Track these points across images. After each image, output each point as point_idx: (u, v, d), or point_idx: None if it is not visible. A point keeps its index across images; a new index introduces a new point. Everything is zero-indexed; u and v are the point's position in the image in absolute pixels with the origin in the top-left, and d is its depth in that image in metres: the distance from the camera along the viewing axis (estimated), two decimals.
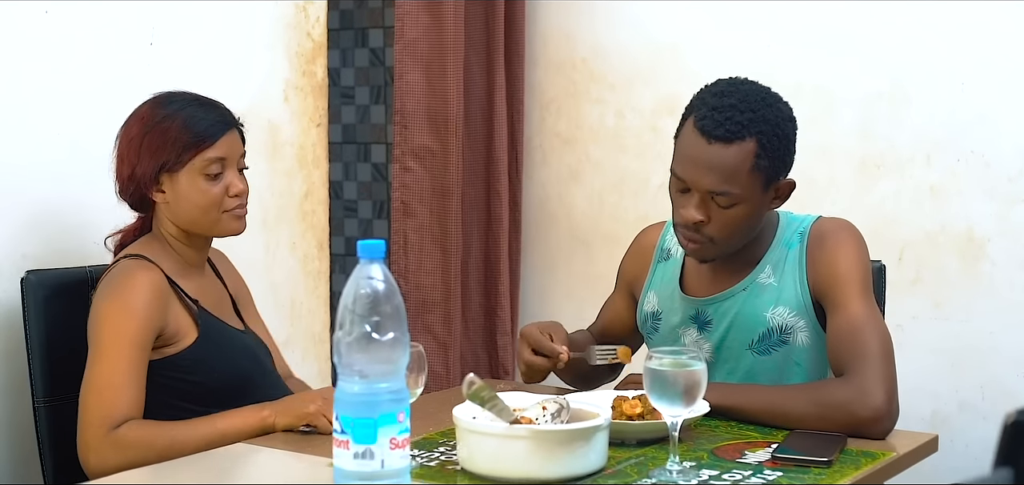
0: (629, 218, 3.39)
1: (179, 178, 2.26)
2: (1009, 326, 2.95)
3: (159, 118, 2.28)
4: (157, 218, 2.33)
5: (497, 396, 1.83)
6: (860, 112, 3.11)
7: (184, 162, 2.25)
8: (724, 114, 2.12)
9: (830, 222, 2.28)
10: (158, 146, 2.26)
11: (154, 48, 2.84)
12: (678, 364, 1.82)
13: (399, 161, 3.32)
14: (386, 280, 1.67)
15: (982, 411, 2.99)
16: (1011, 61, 2.93)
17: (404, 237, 3.32)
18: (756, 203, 2.17)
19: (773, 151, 2.14)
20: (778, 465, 1.89)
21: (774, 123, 2.15)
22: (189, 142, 2.25)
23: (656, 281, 2.40)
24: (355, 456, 1.65)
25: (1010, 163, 2.94)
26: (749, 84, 2.20)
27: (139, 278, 2.20)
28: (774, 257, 2.26)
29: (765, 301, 2.24)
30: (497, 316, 3.48)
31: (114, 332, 2.15)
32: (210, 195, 2.27)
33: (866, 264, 2.22)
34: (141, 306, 2.17)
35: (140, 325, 2.17)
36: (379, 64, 3.64)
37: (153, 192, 2.28)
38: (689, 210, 2.16)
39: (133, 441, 2.09)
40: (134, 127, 2.30)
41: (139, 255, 2.26)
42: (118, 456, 2.08)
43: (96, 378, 2.14)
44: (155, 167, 2.26)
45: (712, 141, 2.12)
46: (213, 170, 2.27)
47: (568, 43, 3.50)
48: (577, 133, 3.51)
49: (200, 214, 2.28)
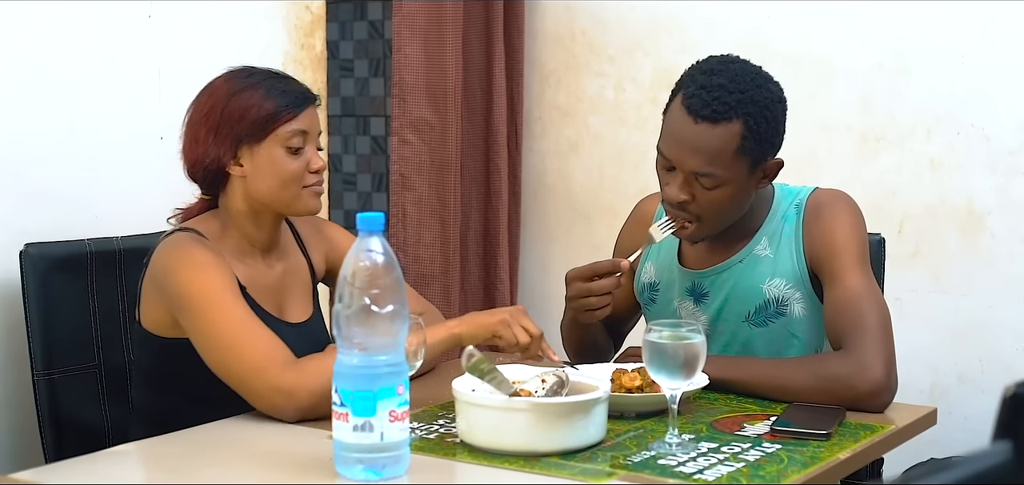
0: (628, 191, 3.38)
1: (260, 150, 2.16)
2: (1008, 299, 2.95)
3: (238, 88, 2.18)
4: (226, 195, 2.22)
5: (496, 369, 1.83)
6: (860, 85, 3.10)
7: (268, 132, 2.15)
8: (712, 93, 2.10)
9: (826, 193, 2.27)
10: (240, 116, 2.16)
11: (152, 21, 2.83)
12: (677, 337, 1.82)
13: (398, 134, 3.31)
14: (385, 253, 1.67)
15: (981, 384, 2.99)
16: (1011, 35, 2.92)
17: (403, 210, 3.32)
18: (741, 185, 2.16)
19: (760, 133, 2.13)
20: (777, 438, 1.89)
21: (762, 105, 2.13)
22: (273, 112, 2.15)
23: (654, 251, 2.40)
24: (354, 429, 1.65)
25: (1010, 136, 2.94)
26: (740, 63, 2.18)
27: (194, 247, 2.12)
28: (770, 229, 2.26)
29: (761, 273, 2.24)
30: (496, 289, 3.48)
31: (208, 294, 2.05)
32: (291, 169, 2.17)
33: (863, 235, 2.22)
34: (210, 261, 2.09)
35: (223, 275, 2.08)
36: (378, 37, 3.63)
37: (231, 165, 2.18)
38: (673, 190, 2.15)
39: (319, 368, 1.96)
40: (210, 99, 2.20)
41: (193, 230, 2.18)
42: (311, 381, 1.96)
43: (226, 339, 2.02)
44: (235, 138, 2.16)
45: (698, 120, 2.11)
46: (295, 143, 2.17)
47: (567, 14, 3.49)
48: (577, 105, 3.50)
49: (280, 188, 2.17)
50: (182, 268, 2.09)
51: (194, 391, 2.11)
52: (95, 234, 2.56)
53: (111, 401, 2.49)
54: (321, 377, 1.93)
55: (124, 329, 2.52)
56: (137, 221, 2.70)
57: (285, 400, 1.98)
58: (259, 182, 2.18)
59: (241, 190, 2.20)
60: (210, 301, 2.05)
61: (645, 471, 1.73)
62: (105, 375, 2.49)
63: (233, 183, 2.20)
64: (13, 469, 2.47)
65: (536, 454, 1.77)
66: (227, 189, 2.22)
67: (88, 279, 2.48)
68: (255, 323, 2.04)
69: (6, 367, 2.51)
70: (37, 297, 2.39)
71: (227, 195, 2.22)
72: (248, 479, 1.75)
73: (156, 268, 2.15)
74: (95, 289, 2.49)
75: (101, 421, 2.47)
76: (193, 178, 2.24)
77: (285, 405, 1.98)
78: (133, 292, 2.53)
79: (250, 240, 2.23)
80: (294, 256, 2.33)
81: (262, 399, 2.00)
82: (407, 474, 1.70)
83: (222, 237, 2.21)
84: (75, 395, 2.44)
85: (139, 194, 2.80)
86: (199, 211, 2.27)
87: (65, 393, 2.42)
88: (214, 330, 2.04)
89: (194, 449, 1.91)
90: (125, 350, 2.52)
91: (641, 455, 1.80)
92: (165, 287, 2.12)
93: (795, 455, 1.81)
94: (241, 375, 2.01)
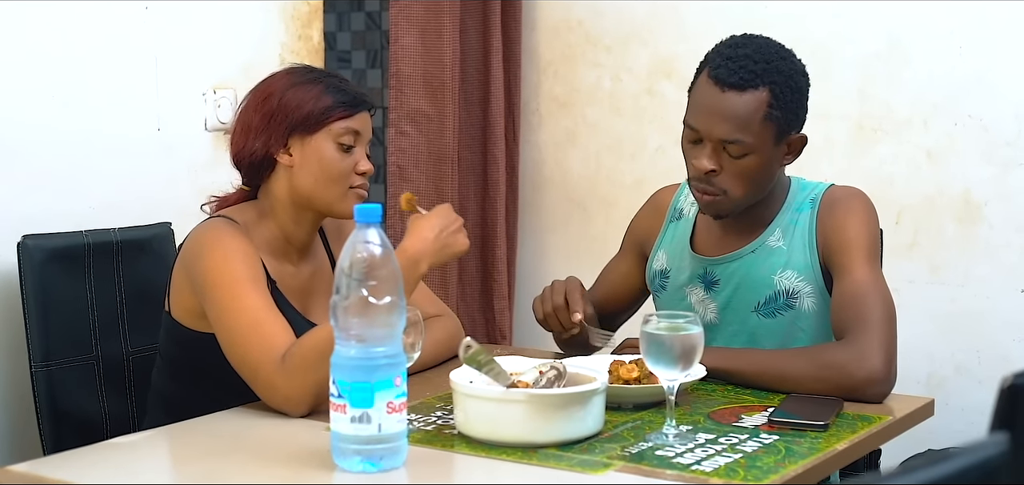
0: (626, 181, 3.38)
1: (311, 142, 2.14)
2: (1006, 290, 2.95)
3: (298, 81, 2.17)
4: (269, 185, 2.20)
5: (494, 360, 1.83)
6: (857, 74, 3.10)
7: (321, 125, 2.14)
8: (738, 63, 2.14)
9: (842, 190, 2.29)
10: (296, 106, 2.14)
11: (149, 12, 2.83)
12: (674, 328, 1.82)
13: (395, 125, 3.31)
14: (383, 244, 1.67)
15: (978, 375, 2.99)
16: (1009, 25, 2.92)
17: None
18: (768, 155, 2.17)
19: (786, 102, 2.15)
20: (774, 429, 1.89)
21: (788, 74, 2.17)
22: (330, 106, 2.14)
23: (667, 240, 2.40)
24: (352, 420, 1.65)
25: (1008, 127, 2.94)
26: (764, 38, 2.22)
27: (226, 232, 2.10)
28: (784, 221, 2.27)
29: (773, 264, 2.25)
30: (494, 280, 3.48)
31: (229, 279, 2.04)
32: (341, 165, 2.15)
33: (875, 232, 2.23)
34: (240, 248, 2.08)
35: (250, 264, 2.07)
36: (375, 28, 3.62)
37: (280, 153, 2.16)
38: (701, 160, 2.16)
39: (304, 357, 1.95)
40: (268, 87, 2.19)
41: (227, 217, 2.16)
42: (299, 378, 1.94)
43: (236, 327, 2.01)
44: (288, 127, 2.14)
45: (725, 89, 2.13)
46: (347, 140, 2.15)
47: (564, 5, 3.48)
48: (574, 96, 3.50)
49: (327, 184, 2.15)
50: (210, 253, 2.08)
51: (215, 385, 2.10)
52: (92, 225, 2.55)
53: (109, 393, 2.49)
54: (310, 369, 1.92)
55: (122, 320, 2.52)
56: (134, 212, 2.70)
57: (276, 398, 1.97)
58: (305, 175, 2.15)
59: (286, 182, 2.17)
60: (230, 287, 2.03)
61: (643, 462, 1.73)
62: (103, 366, 2.49)
63: (278, 174, 2.18)
64: (11, 461, 2.46)
65: (534, 446, 1.77)
66: (271, 180, 2.19)
67: (85, 270, 2.48)
68: (272, 316, 2.02)
69: (3, 359, 2.51)
70: (34, 289, 2.39)
71: (270, 186, 2.20)
72: (246, 470, 1.75)
73: (186, 252, 2.14)
74: (92, 280, 2.49)
75: (99, 412, 2.47)
76: (238, 165, 2.22)
77: (277, 404, 1.97)
78: (131, 283, 2.54)
79: (287, 236, 2.21)
80: (321, 257, 2.31)
81: (264, 397, 1.99)
82: (405, 466, 1.70)
83: (256, 228, 2.18)
84: (73, 386, 2.44)
85: (136, 185, 2.80)
86: (236, 201, 2.24)
87: (63, 384, 2.42)
88: (230, 318, 2.02)
89: (192, 440, 1.91)
90: (123, 341, 2.52)
91: (639, 446, 1.80)
92: (192, 271, 2.11)
93: (792, 446, 1.81)
94: (250, 366, 2.00)
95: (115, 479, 1.74)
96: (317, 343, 1.93)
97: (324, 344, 1.83)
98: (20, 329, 2.41)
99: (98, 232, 2.52)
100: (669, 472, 1.69)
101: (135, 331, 2.53)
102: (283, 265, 2.20)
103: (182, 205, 2.52)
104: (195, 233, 2.15)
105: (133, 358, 2.52)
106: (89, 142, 2.72)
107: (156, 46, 2.86)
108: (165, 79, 2.87)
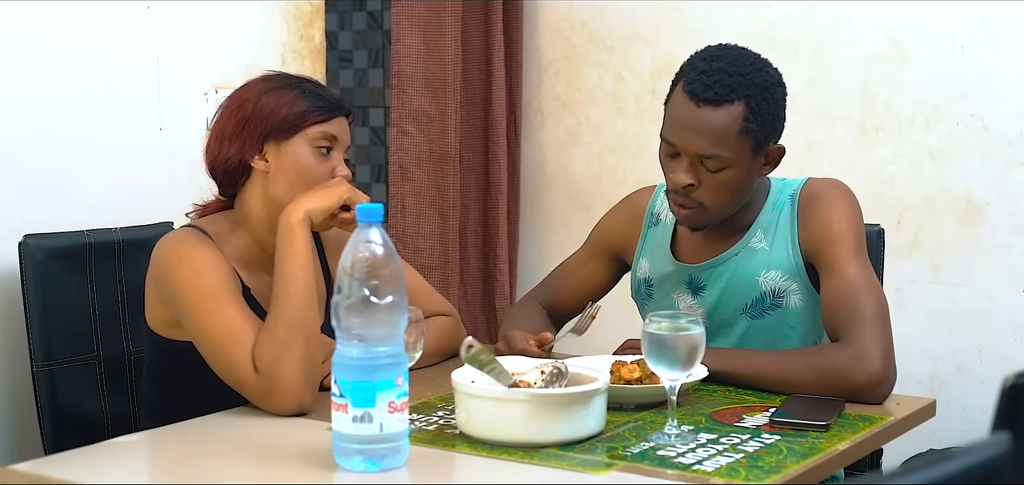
0: (628, 181, 3.38)
1: (287, 146, 2.10)
2: (1007, 290, 2.95)
3: (273, 86, 2.14)
4: (243, 195, 2.16)
5: (495, 360, 1.83)
6: (859, 75, 3.10)
7: (298, 128, 2.10)
8: (713, 77, 2.12)
9: (821, 182, 2.27)
10: (271, 111, 2.11)
11: (151, 12, 2.83)
12: (677, 328, 1.82)
13: (397, 125, 3.31)
14: (384, 244, 1.67)
15: (980, 375, 2.99)
16: (1011, 25, 2.92)
17: (402, 201, 3.32)
18: (746, 167, 2.16)
19: (762, 115, 2.14)
20: (776, 429, 1.89)
21: (763, 87, 2.14)
22: (306, 110, 2.11)
23: (647, 247, 2.39)
24: (354, 420, 1.65)
25: (1009, 126, 2.93)
26: (738, 49, 2.19)
27: (192, 243, 2.07)
28: (765, 221, 2.26)
29: (757, 265, 2.24)
30: (495, 280, 3.48)
31: (202, 293, 2.01)
32: (317, 170, 2.11)
33: (859, 224, 2.21)
34: (207, 257, 2.05)
35: (221, 274, 2.04)
36: (377, 27, 3.62)
37: (255, 159, 2.12)
38: (678, 175, 2.16)
39: (271, 357, 1.94)
40: (243, 94, 2.16)
41: (196, 227, 2.13)
42: (277, 376, 1.94)
43: (215, 341, 1.99)
44: (264, 131, 2.11)
45: (701, 104, 2.12)
46: (324, 144, 2.11)
47: (566, 4, 3.48)
48: (576, 96, 3.50)
49: (303, 188, 2.08)
50: (177, 267, 2.06)
51: (197, 392, 2.09)
52: (94, 225, 2.56)
53: (110, 392, 2.49)
54: (300, 373, 1.94)
55: (123, 320, 2.52)
56: (136, 212, 2.70)
57: (288, 406, 1.97)
58: (281, 179, 2.11)
59: (260, 190, 2.14)
60: (204, 302, 2.01)
61: (644, 462, 1.73)
62: (104, 366, 2.49)
63: (253, 182, 2.14)
64: (12, 460, 2.47)
65: (535, 445, 1.77)
66: (245, 189, 2.16)
67: (87, 270, 2.48)
68: (250, 325, 2.00)
69: (5, 358, 2.51)
70: (36, 288, 2.39)
71: (244, 196, 2.16)
72: (248, 470, 1.75)
73: (154, 265, 2.12)
74: (94, 280, 2.49)
75: (100, 412, 2.47)
76: (212, 173, 2.18)
77: (282, 409, 1.97)
78: (132, 283, 2.54)
79: (261, 245, 2.16)
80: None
81: (259, 403, 1.99)
82: (406, 465, 1.70)
83: (229, 238, 2.15)
84: (74, 386, 2.44)
85: (138, 185, 2.80)
86: (215, 210, 2.22)
87: (64, 384, 2.42)
88: (207, 333, 2.01)
89: (194, 441, 1.91)
90: (124, 341, 2.52)
91: (640, 446, 1.80)
92: (162, 285, 2.09)
93: (794, 446, 1.81)
94: (236, 379, 1.99)
95: (116, 479, 1.74)
96: (270, 336, 1.96)
97: (279, 332, 1.92)
98: (21, 329, 2.41)
99: (99, 232, 2.52)
100: (670, 472, 1.69)
101: (136, 331, 2.53)
102: (257, 275, 2.16)
103: (184, 205, 2.50)
104: (161, 245, 2.11)
105: (134, 357, 2.52)
106: (91, 142, 2.72)
107: (158, 46, 2.86)
108: (167, 79, 2.87)
